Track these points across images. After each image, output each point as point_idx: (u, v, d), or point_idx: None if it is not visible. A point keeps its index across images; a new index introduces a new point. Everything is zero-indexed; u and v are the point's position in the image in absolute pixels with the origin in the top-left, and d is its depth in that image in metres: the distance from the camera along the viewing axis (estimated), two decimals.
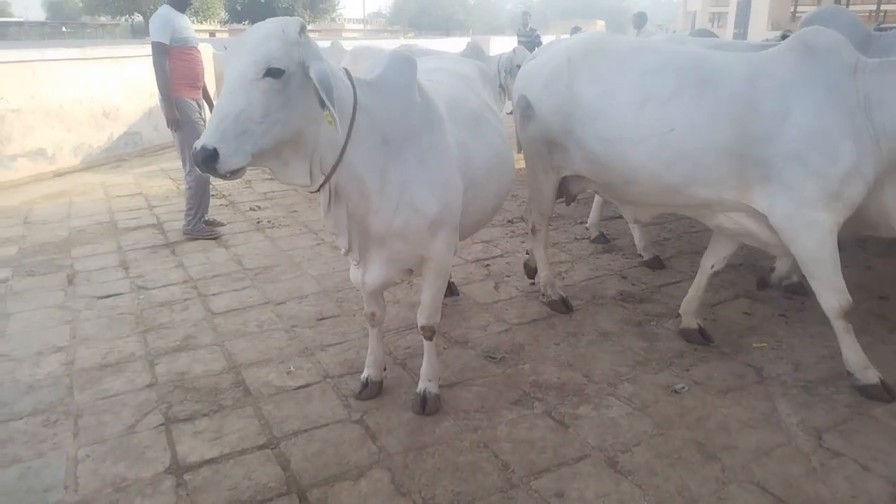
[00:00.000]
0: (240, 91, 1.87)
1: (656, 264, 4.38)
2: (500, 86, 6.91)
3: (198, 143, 1.81)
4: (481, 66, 3.51)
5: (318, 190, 2.19)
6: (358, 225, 2.34)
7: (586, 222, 5.47)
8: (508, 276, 4.27)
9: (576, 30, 13.03)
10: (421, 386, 2.76)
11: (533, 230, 3.72)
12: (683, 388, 2.86)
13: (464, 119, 2.68)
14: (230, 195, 6.66)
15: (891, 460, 2.35)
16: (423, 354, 2.78)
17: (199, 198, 5.09)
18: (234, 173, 1.87)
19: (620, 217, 5.63)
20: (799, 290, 3.83)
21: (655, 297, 3.87)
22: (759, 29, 15.56)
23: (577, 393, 2.86)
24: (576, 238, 5.07)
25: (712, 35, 6.57)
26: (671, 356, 3.15)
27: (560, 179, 3.44)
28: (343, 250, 2.42)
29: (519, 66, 6.70)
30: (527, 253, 4.16)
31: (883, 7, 23.44)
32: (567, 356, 3.19)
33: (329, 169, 2.13)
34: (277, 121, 1.91)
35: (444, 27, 48.14)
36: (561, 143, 3.23)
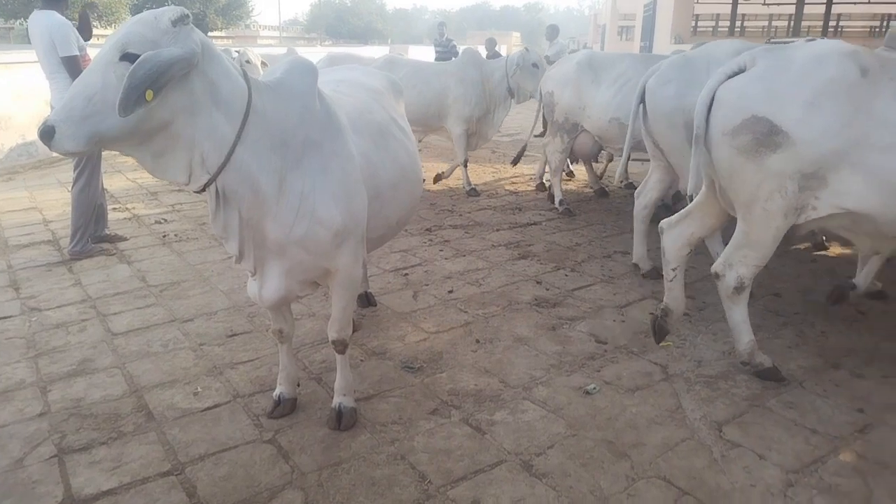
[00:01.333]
0: (97, 72, 1.85)
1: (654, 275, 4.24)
2: (509, 88, 6.72)
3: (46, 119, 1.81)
4: (392, 79, 3.49)
5: (203, 190, 2.10)
6: (253, 233, 2.25)
7: (503, 229, 5.58)
8: (427, 285, 4.27)
9: (490, 41, 13.24)
10: (336, 401, 2.70)
11: (738, 289, 2.94)
12: (595, 388, 2.94)
13: (368, 130, 2.65)
14: (133, 208, 6.33)
15: (784, 448, 2.50)
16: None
17: (85, 217, 4.77)
18: (75, 152, 1.87)
19: (535, 224, 5.77)
20: (879, 297, 3.85)
21: (568, 301, 3.96)
22: (664, 42, 16.38)
23: (494, 399, 2.88)
24: (493, 245, 5.14)
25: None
26: (583, 358, 3.23)
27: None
28: (234, 257, 2.33)
29: (535, 65, 6.51)
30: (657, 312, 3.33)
31: (774, 23, 25.23)
32: (484, 362, 3.21)
33: (215, 168, 2.05)
34: None
35: (363, 36, 47.90)
36: (825, 175, 2.61)
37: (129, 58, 1.82)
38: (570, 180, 7.68)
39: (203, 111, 1.98)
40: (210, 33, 32.22)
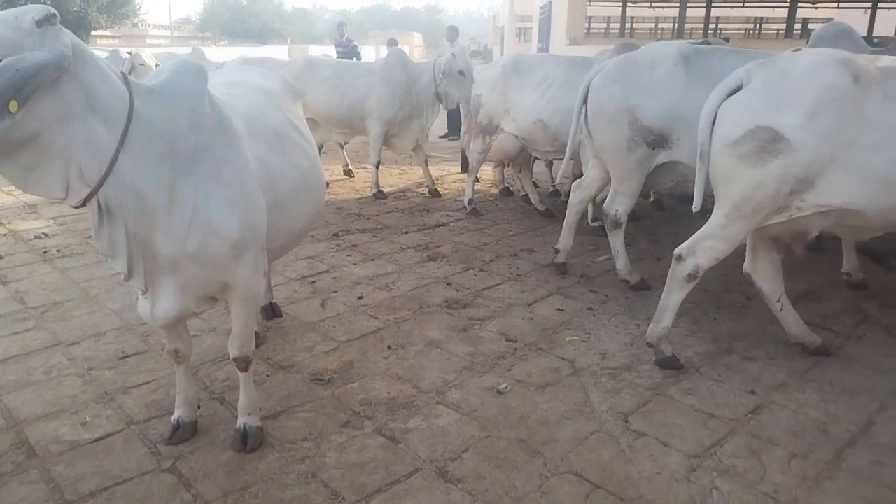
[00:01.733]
0: None
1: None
2: (436, 94, 6.60)
3: None
4: (289, 81, 3.36)
5: (84, 204, 1.94)
6: (142, 247, 2.10)
7: (411, 231, 5.55)
8: (335, 292, 4.16)
9: (392, 42, 13.18)
10: (240, 421, 2.56)
11: (691, 276, 3.08)
12: (506, 387, 2.96)
13: (264, 135, 2.53)
14: (10, 223, 5.80)
15: (685, 434, 2.61)
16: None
17: None
18: None
19: (443, 225, 5.78)
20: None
21: (478, 302, 3.99)
22: (559, 44, 16.94)
23: (408, 406, 2.84)
24: (402, 248, 5.09)
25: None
26: (494, 358, 3.26)
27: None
28: (122, 275, 2.16)
29: (461, 72, 6.31)
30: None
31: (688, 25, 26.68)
32: (396, 369, 3.16)
33: (95, 180, 1.89)
34: None
35: (260, 35, 46.46)
36: (814, 179, 2.72)
37: None
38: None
39: (78, 119, 1.81)
40: (93, 33, 30.16)
